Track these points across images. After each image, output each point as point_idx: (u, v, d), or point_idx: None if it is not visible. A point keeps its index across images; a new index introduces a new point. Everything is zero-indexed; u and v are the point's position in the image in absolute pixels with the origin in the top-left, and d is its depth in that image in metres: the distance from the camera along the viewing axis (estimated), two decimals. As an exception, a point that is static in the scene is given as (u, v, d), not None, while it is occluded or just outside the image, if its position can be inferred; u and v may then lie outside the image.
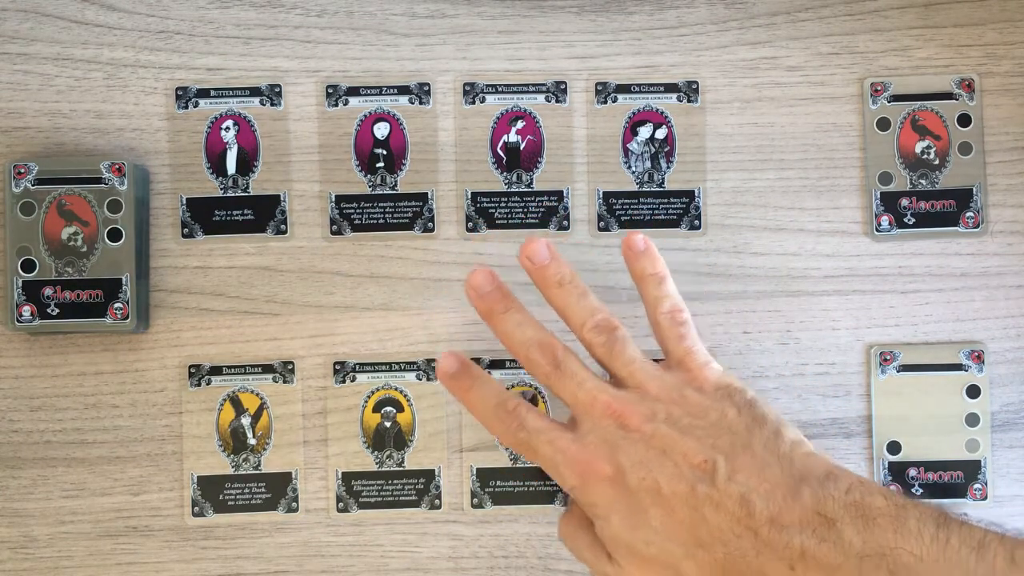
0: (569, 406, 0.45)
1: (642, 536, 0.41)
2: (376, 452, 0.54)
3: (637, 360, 0.45)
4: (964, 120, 0.55)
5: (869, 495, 0.39)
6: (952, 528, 0.37)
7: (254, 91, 0.54)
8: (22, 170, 0.51)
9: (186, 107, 0.54)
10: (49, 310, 0.51)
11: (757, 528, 0.39)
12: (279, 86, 0.54)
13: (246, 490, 0.53)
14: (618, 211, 0.55)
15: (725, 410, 0.43)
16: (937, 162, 0.55)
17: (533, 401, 0.54)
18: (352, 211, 0.54)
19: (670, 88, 0.55)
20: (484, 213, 0.54)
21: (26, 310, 0.51)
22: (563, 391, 0.44)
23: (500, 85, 0.55)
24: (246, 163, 0.54)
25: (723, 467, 0.40)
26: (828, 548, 0.38)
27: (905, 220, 0.55)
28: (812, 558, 0.38)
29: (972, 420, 0.54)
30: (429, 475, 0.54)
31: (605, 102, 0.55)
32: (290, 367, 0.54)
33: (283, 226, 0.54)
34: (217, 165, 0.54)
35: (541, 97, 0.55)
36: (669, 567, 0.41)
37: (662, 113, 0.55)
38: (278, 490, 0.53)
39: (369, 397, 0.54)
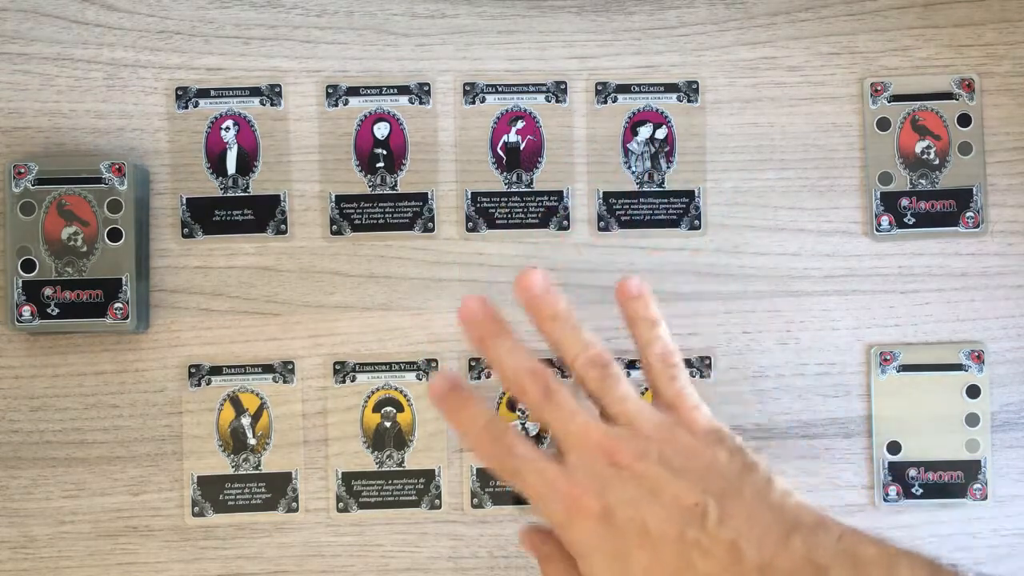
0: (557, 438, 0.43)
1: None
2: (376, 452, 0.54)
3: (630, 398, 0.44)
4: (964, 120, 0.55)
5: (860, 544, 0.38)
6: None
7: (254, 91, 0.54)
8: (22, 170, 0.51)
9: (186, 107, 0.54)
10: (49, 310, 0.51)
11: (746, 575, 0.39)
12: (279, 86, 0.54)
13: (246, 490, 0.53)
14: (618, 211, 0.55)
15: (717, 454, 0.42)
16: (937, 162, 0.55)
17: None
18: (352, 211, 0.54)
19: (670, 88, 0.55)
20: (484, 213, 0.54)
21: (26, 310, 0.51)
22: (553, 422, 0.43)
23: (500, 85, 0.55)
24: (246, 163, 0.54)
25: (714, 511, 0.40)
26: None
27: (905, 220, 0.55)
28: None
29: (972, 420, 0.54)
30: (429, 475, 0.54)
31: (605, 102, 0.55)
32: (290, 367, 0.54)
33: (283, 226, 0.54)
34: (217, 165, 0.54)
35: (541, 97, 0.55)
36: None
37: (662, 113, 0.55)
38: (278, 490, 0.53)
39: (369, 397, 0.54)
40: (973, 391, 0.54)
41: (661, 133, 0.55)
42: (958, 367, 0.54)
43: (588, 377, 0.44)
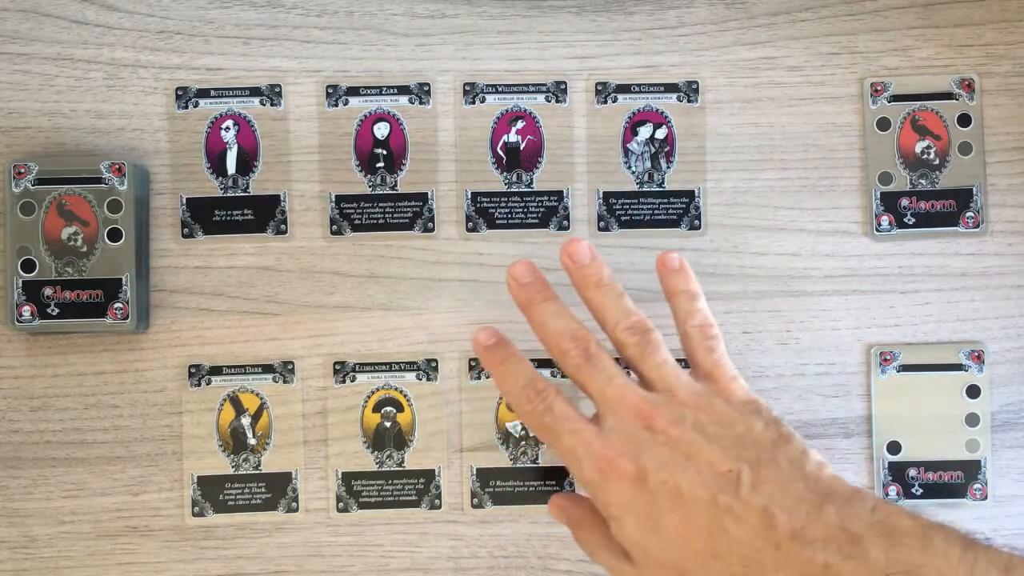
0: (595, 401, 0.44)
1: (656, 540, 0.41)
2: (376, 452, 0.54)
3: (668, 364, 0.44)
4: (964, 120, 0.55)
5: (895, 515, 0.38)
6: (979, 551, 0.37)
7: (254, 91, 0.54)
8: (22, 170, 0.51)
9: (186, 107, 0.54)
10: (49, 310, 0.51)
11: (778, 542, 0.38)
12: (279, 86, 0.54)
13: (246, 490, 0.53)
14: (618, 211, 0.55)
15: (752, 423, 0.42)
16: (937, 162, 0.55)
17: None
18: (352, 211, 0.54)
19: (670, 88, 0.55)
20: (484, 213, 0.54)
21: (26, 310, 0.51)
22: (591, 384, 0.44)
23: (500, 85, 0.55)
24: (246, 163, 0.54)
25: (747, 478, 0.40)
26: (853, 565, 0.37)
27: (905, 220, 0.55)
28: (836, 575, 0.37)
29: (972, 420, 0.54)
30: (429, 475, 0.54)
31: (605, 102, 0.55)
32: (290, 367, 0.54)
33: (283, 226, 0.54)
34: (217, 165, 0.54)
35: (541, 97, 0.55)
36: (683, 575, 0.41)
37: (662, 113, 0.55)
38: (278, 490, 0.53)
39: (369, 397, 0.54)
40: (973, 391, 0.54)
41: (661, 133, 0.55)
42: (958, 367, 0.54)
43: (628, 343, 0.45)
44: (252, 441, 0.53)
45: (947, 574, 0.36)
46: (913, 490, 0.54)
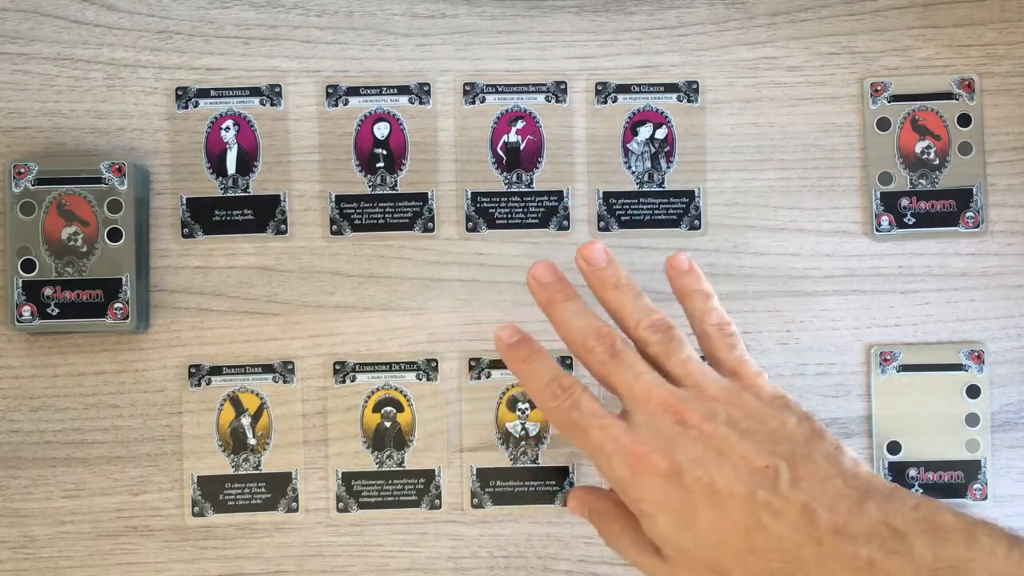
0: (623, 397, 0.43)
1: (691, 537, 0.40)
2: (376, 452, 0.54)
3: (693, 360, 0.44)
4: (964, 120, 0.55)
5: (938, 511, 0.38)
6: (1023, 548, 0.37)
7: (254, 91, 0.54)
8: (22, 170, 0.51)
9: (186, 107, 0.54)
10: (49, 310, 0.51)
11: (820, 538, 0.38)
12: (279, 86, 0.54)
13: (246, 490, 0.53)
14: (618, 211, 0.55)
15: (785, 419, 0.42)
16: (937, 162, 0.55)
17: None
18: (352, 211, 0.54)
19: (670, 88, 0.55)
20: (484, 213, 0.54)
21: (26, 310, 0.51)
22: (619, 381, 0.43)
23: (500, 85, 0.55)
24: (246, 163, 0.54)
25: (785, 473, 0.39)
26: (898, 561, 0.36)
27: (905, 220, 0.55)
28: (881, 571, 0.36)
29: (972, 420, 0.54)
30: (429, 475, 0.54)
31: (605, 102, 0.55)
32: (290, 367, 0.54)
33: (283, 226, 0.54)
34: (217, 165, 0.54)
35: (541, 97, 0.55)
36: (719, 572, 0.40)
37: (662, 113, 0.55)
38: (278, 490, 0.53)
39: (369, 397, 0.54)
40: (973, 391, 0.54)
41: (661, 133, 0.55)
42: (958, 367, 0.54)
43: (651, 341, 0.44)
44: (252, 441, 0.53)
45: (994, 570, 0.36)
46: (913, 490, 0.54)
